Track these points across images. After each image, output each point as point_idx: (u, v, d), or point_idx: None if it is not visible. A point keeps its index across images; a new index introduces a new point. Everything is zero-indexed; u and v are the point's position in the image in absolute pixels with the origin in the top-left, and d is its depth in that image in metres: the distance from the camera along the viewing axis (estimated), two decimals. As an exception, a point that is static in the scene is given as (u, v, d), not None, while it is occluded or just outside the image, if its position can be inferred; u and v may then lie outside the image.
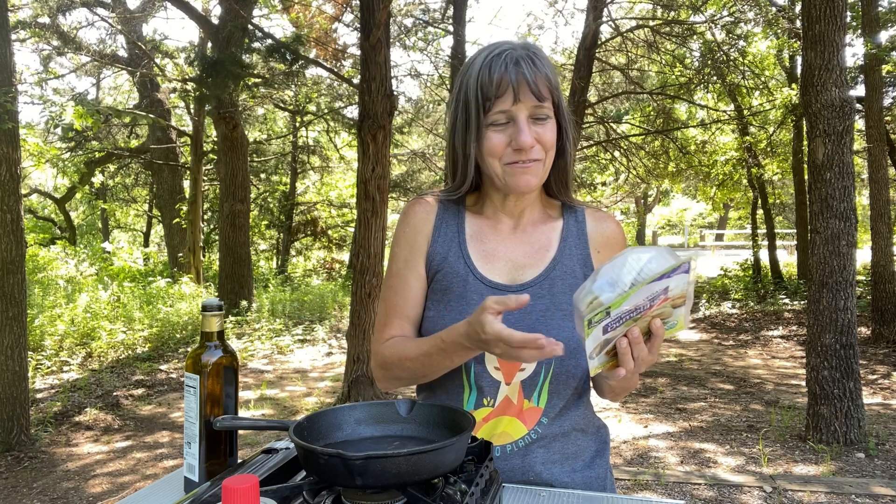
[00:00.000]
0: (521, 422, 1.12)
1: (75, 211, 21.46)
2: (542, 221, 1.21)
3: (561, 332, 1.09)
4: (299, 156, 16.13)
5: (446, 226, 1.20)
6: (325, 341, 8.84)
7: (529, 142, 1.06)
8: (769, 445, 4.38)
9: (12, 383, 4.41)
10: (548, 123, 1.09)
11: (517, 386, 1.11)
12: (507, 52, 1.07)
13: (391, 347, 1.16)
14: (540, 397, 1.12)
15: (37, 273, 11.86)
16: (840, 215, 4.20)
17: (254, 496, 0.66)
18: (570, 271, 1.16)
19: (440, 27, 10.60)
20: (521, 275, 1.16)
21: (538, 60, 1.07)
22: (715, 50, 10.01)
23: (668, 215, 35.75)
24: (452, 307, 1.14)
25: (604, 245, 1.20)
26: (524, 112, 1.07)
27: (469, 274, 1.15)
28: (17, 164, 4.47)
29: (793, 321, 9.54)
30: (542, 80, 1.06)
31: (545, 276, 1.15)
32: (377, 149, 5.21)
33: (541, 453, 1.13)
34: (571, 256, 1.18)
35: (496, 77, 1.06)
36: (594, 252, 1.19)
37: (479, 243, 1.18)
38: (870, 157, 8.02)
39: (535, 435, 1.13)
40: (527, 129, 1.06)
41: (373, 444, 0.96)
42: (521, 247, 1.18)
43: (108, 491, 3.92)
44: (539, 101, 1.06)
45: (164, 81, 12.34)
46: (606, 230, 1.21)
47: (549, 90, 1.08)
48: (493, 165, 1.10)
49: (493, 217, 1.20)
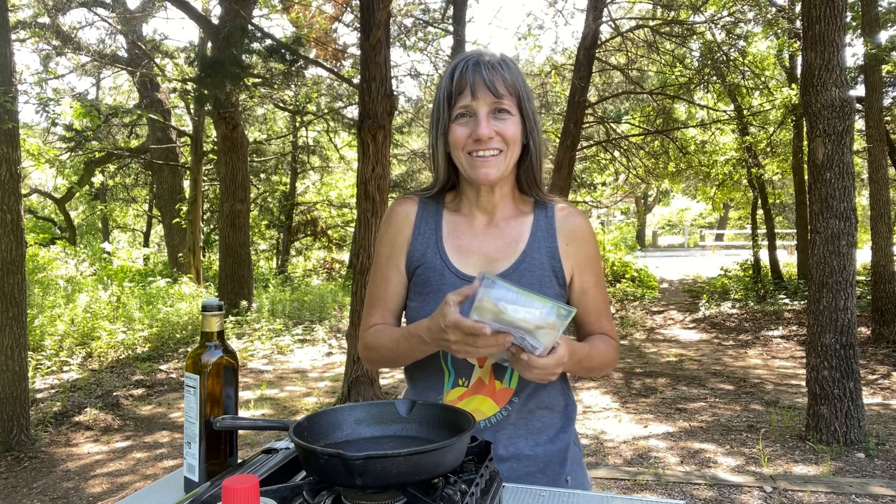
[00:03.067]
0: (494, 401, 1.24)
1: (75, 211, 21.45)
2: (514, 217, 1.29)
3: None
4: (299, 156, 16.13)
5: (425, 224, 1.30)
6: (324, 341, 8.84)
7: (486, 132, 1.16)
8: (769, 445, 4.38)
9: (12, 383, 4.41)
10: (509, 119, 1.18)
11: (489, 368, 1.23)
12: (471, 58, 1.20)
13: (373, 334, 1.30)
14: (511, 379, 1.24)
15: (37, 273, 11.86)
16: (840, 215, 4.20)
17: (254, 496, 0.66)
18: (538, 264, 1.25)
19: (440, 27, 10.60)
20: (493, 267, 1.25)
21: (500, 64, 1.19)
22: (715, 50, 10.01)
23: (668, 215, 35.76)
24: (430, 299, 1.25)
25: (571, 239, 1.29)
26: (484, 107, 1.17)
27: (445, 268, 1.25)
28: (17, 164, 4.47)
29: (793, 321, 9.54)
30: (500, 80, 1.17)
31: (515, 268, 1.24)
32: (377, 149, 5.21)
33: (510, 430, 1.24)
34: (540, 250, 1.26)
35: (457, 77, 1.19)
36: (563, 245, 1.28)
37: (455, 239, 1.28)
38: (870, 157, 8.02)
39: (505, 412, 1.24)
40: (485, 121, 1.17)
41: (373, 444, 0.96)
42: (493, 241, 1.27)
43: (108, 491, 3.92)
44: (496, 96, 1.16)
45: (164, 81, 12.33)
46: (574, 225, 1.29)
47: (507, 89, 1.18)
48: (458, 157, 1.21)
49: (468, 214, 1.30)
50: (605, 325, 1.32)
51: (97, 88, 16.49)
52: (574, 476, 1.29)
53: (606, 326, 1.32)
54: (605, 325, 1.32)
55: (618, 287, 13.69)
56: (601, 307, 1.31)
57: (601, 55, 10.28)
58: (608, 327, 1.32)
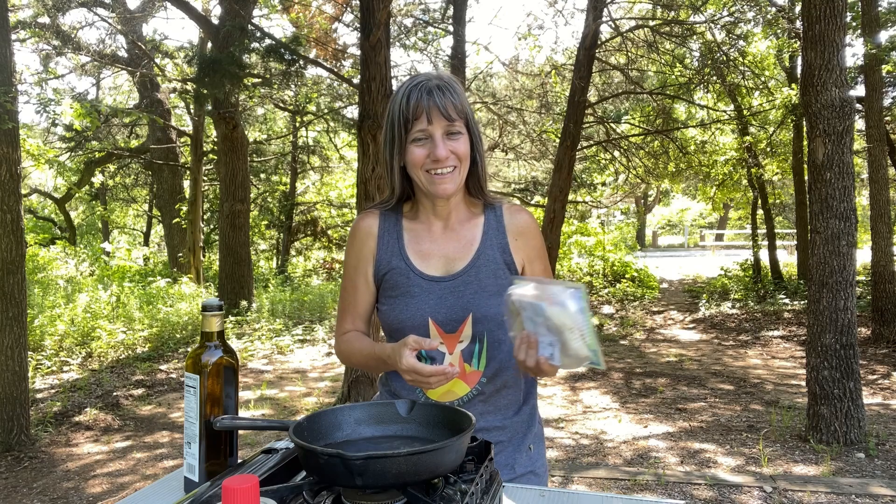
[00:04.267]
0: (465, 382, 1.38)
1: (75, 211, 21.45)
2: (467, 219, 1.44)
3: (488, 308, 1.35)
4: (299, 156, 16.12)
5: (388, 234, 1.44)
6: (324, 341, 8.84)
7: (444, 154, 1.30)
8: (769, 445, 4.38)
9: (12, 383, 4.41)
10: (460, 139, 1.32)
11: (458, 355, 1.37)
12: (422, 83, 1.31)
13: (346, 342, 1.46)
14: (480, 362, 1.38)
15: (37, 273, 11.86)
16: (840, 215, 4.20)
17: (254, 496, 0.66)
18: (492, 259, 1.40)
19: (440, 27, 10.60)
20: (453, 266, 1.39)
21: (448, 88, 1.32)
22: (715, 50, 10.01)
23: (668, 215, 35.77)
24: (399, 301, 1.38)
25: (519, 234, 1.43)
26: (439, 130, 1.30)
27: (410, 272, 1.39)
28: (17, 164, 4.47)
29: (793, 321, 9.54)
30: (450, 105, 1.30)
31: (472, 265, 1.38)
32: (377, 149, 5.21)
33: (480, 406, 1.38)
34: (492, 247, 1.41)
35: (412, 103, 1.30)
36: (512, 240, 1.42)
37: (416, 245, 1.42)
38: (870, 157, 8.02)
39: (475, 392, 1.38)
40: (441, 144, 1.30)
41: (373, 444, 0.96)
42: (451, 243, 1.41)
43: (108, 491, 3.92)
44: (449, 120, 1.30)
45: (164, 81, 12.33)
46: (520, 221, 1.44)
47: (457, 112, 1.31)
48: (417, 175, 1.34)
49: (426, 221, 1.43)
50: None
51: (97, 88, 16.49)
52: (535, 446, 1.46)
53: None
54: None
55: (618, 287, 13.69)
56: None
57: (601, 55, 10.27)
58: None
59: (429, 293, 1.38)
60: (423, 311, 1.37)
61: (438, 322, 1.37)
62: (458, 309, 1.36)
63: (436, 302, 1.38)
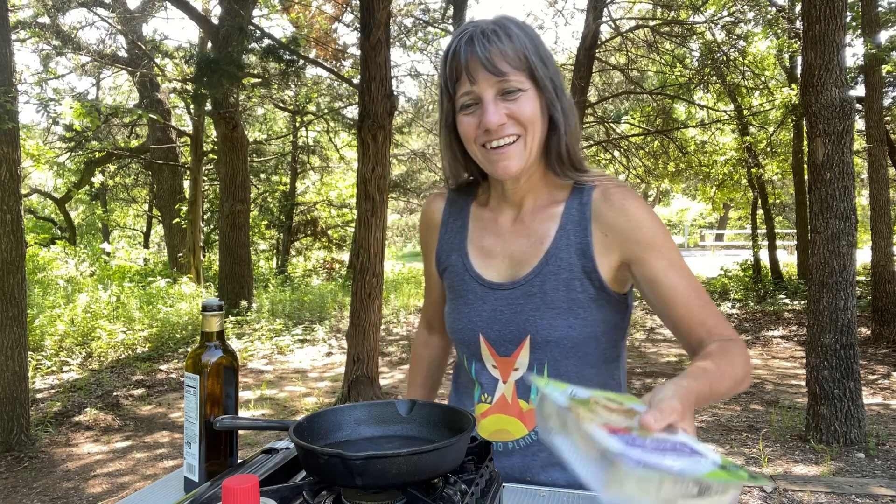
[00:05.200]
0: (522, 422, 1.10)
1: (75, 211, 21.45)
2: (544, 208, 1.10)
3: (552, 331, 1.05)
4: (299, 156, 16.13)
5: (453, 221, 1.18)
6: (324, 341, 8.84)
7: (494, 120, 0.99)
8: (769, 445, 4.38)
9: (12, 383, 4.41)
10: (522, 97, 1.00)
11: (511, 386, 1.09)
12: (464, 34, 1.01)
13: (413, 350, 1.37)
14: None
15: (37, 273, 11.85)
16: (840, 215, 4.20)
17: (254, 496, 0.66)
18: (564, 265, 1.05)
19: (440, 27, 10.60)
20: (517, 271, 1.09)
21: (498, 33, 0.99)
22: (715, 50, 10.01)
23: (668, 215, 35.74)
24: (453, 306, 1.16)
25: (612, 225, 1.03)
26: (489, 90, 0.99)
27: (466, 272, 1.14)
28: (17, 164, 4.47)
29: (793, 321, 9.54)
30: (497, 54, 0.98)
31: (538, 271, 1.07)
32: (377, 149, 5.21)
33: (542, 456, 1.10)
34: (568, 247, 1.06)
35: (450, 60, 1.01)
36: (600, 236, 1.04)
37: (480, 238, 1.15)
38: (870, 157, 8.02)
39: (535, 437, 1.10)
40: (492, 107, 0.99)
41: (373, 444, 0.96)
42: (519, 240, 1.11)
43: (108, 491, 3.91)
44: (498, 75, 0.98)
45: (164, 81, 12.33)
46: (615, 206, 1.04)
47: (511, 62, 0.99)
48: (473, 151, 1.05)
49: (496, 209, 1.14)
50: (711, 321, 0.98)
51: (97, 88, 16.49)
52: None
53: (712, 322, 0.98)
54: (710, 322, 0.98)
55: (618, 287, 13.68)
56: (690, 297, 0.99)
57: (601, 55, 10.28)
58: (716, 323, 0.98)
59: (483, 302, 1.11)
60: (473, 325, 1.12)
61: (490, 341, 1.10)
62: (514, 328, 1.07)
63: (489, 315, 1.10)
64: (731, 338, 0.96)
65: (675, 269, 1.00)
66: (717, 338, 0.95)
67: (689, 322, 0.98)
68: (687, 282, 1.00)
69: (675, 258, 1.01)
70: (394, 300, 11.57)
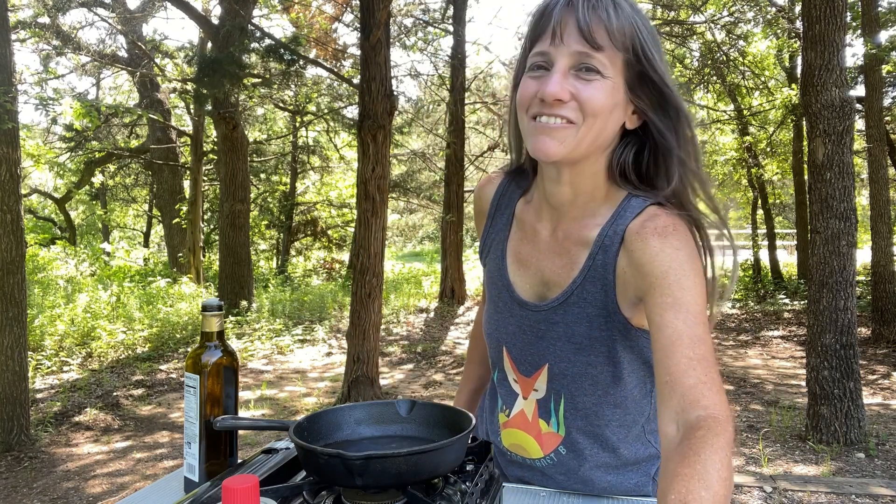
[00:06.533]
0: (539, 444, 1.05)
1: (75, 211, 21.45)
2: (580, 228, 0.95)
3: (570, 366, 0.97)
4: (299, 156, 16.13)
5: (499, 215, 1.07)
6: (324, 341, 8.84)
7: (555, 91, 0.83)
8: (769, 445, 4.38)
9: (12, 383, 4.41)
10: (597, 83, 0.84)
11: (532, 403, 1.04)
12: None
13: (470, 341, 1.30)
14: (559, 425, 1.03)
15: (37, 273, 11.85)
16: (840, 215, 4.20)
17: (254, 496, 0.66)
18: (589, 298, 0.93)
19: (440, 27, 10.61)
20: (547, 291, 0.99)
21: (607, 4, 0.84)
22: (715, 50, 10.02)
23: (668, 215, 35.71)
24: (489, 306, 1.10)
25: (634, 260, 0.87)
26: (565, 58, 0.84)
27: (500, 278, 1.05)
28: (17, 164, 4.47)
29: (793, 321, 9.54)
30: (597, 23, 0.83)
31: (563, 300, 0.96)
32: (377, 149, 5.21)
33: (561, 479, 1.05)
34: (594, 280, 0.93)
35: (540, 18, 0.88)
36: (622, 270, 0.90)
37: (519, 243, 1.03)
38: (870, 157, 8.02)
39: (550, 461, 1.05)
40: (558, 76, 0.84)
41: (373, 444, 0.96)
42: (552, 258, 0.98)
43: (108, 491, 3.92)
44: (589, 44, 0.83)
45: (164, 81, 12.34)
46: (644, 235, 0.87)
47: (610, 38, 0.83)
48: (522, 122, 0.90)
49: (538, 210, 1.01)
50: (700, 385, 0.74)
51: (97, 88, 16.49)
52: None
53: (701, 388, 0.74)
54: (694, 383, 0.74)
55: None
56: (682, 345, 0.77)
57: (601, 55, 10.28)
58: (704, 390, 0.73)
59: (510, 315, 1.03)
60: (500, 335, 1.06)
61: (513, 357, 1.05)
62: (535, 351, 1.00)
63: (514, 331, 1.02)
64: (715, 416, 0.71)
65: (674, 311, 0.80)
66: (698, 411, 0.71)
67: (670, 375, 0.76)
68: (685, 326, 0.78)
69: (683, 299, 0.80)
70: (394, 300, 11.57)
